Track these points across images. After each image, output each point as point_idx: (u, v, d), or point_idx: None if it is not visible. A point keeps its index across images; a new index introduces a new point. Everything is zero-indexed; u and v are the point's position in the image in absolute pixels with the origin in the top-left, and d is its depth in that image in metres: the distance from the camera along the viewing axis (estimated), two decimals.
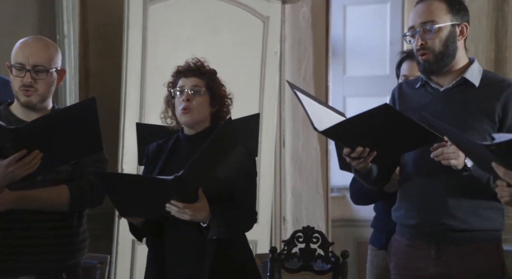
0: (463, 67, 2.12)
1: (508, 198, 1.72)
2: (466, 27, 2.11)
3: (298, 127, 4.53)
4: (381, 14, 5.12)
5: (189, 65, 2.32)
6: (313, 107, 2.05)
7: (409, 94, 2.18)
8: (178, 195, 2.05)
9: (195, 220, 2.10)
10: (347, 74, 5.34)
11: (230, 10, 3.94)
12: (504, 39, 3.55)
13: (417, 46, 2.09)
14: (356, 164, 2.05)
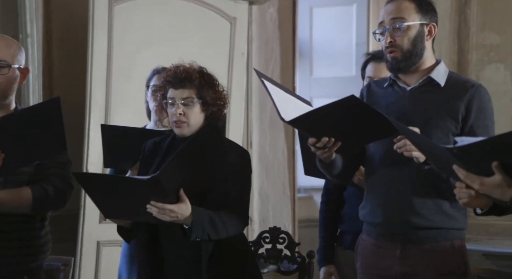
0: (430, 67, 2.15)
1: (466, 199, 1.74)
2: (434, 27, 2.14)
3: (265, 128, 4.54)
4: (347, 16, 5.16)
5: (176, 73, 2.23)
6: (280, 97, 2.05)
7: (377, 93, 2.21)
8: (157, 195, 2.02)
9: (177, 222, 2.06)
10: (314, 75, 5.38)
11: (197, 11, 3.92)
12: (466, 42, 3.62)
13: (386, 43, 2.12)
14: (321, 154, 2.06)
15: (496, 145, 1.58)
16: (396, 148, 2.00)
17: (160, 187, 1.99)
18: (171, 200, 2.03)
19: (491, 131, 2.10)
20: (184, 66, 2.26)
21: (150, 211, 2.03)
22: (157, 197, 2.02)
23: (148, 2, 3.80)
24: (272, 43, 4.54)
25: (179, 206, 2.03)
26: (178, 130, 2.23)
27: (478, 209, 1.82)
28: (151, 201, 2.02)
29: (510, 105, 3.44)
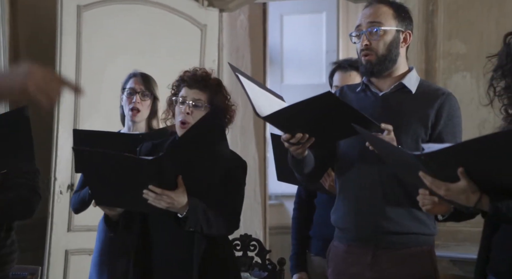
0: (403, 74, 2.18)
1: (430, 206, 1.76)
2: (410, 35, 2.17)
3: (236, 135, 4.54)
4: (317, 23, 5.21)
5: (195, 74, 2.24)
6: (255, 92, 2.04)
7: (350, 96, 2.22)
8: (156, 179, 2.00)
9: (172, 209, 2.05)
10: (284, 82, 5.40)
11: (167, 18, 3.92)
12: (433, 50, 3.66)
13: (361, 46, 2.13)
14: (294, 150, 2.06)
15: (462, 151, 1.61)
16: (368, 145, 2.02)
17: (161, 170, 1.98)
18: (169, 187, 2.02)
19: (459, 138, 2.13)
20: (204, 69, 2.27)
21: (146, 197, 2.01)
22: (156, 181, 2.00)
23: (118, 8, 3.79)
24: (243, 50, 4.56)
25: (177, 193, 2.02)
26: (180, 131, 2.22)
27: (439, 215, 1.85)
28: (149, 186, 2.00)
29: (476, 112, 3.50)
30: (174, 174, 2.03)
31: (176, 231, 2.13)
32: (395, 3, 2.19)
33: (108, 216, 2.17)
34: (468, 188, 1.62)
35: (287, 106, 1.99)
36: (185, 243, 2.14)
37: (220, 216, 2.15)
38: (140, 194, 2.01)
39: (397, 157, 1.80)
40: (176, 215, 2.07)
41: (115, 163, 2.02)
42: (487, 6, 3.57)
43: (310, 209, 2.76)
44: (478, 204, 1.64)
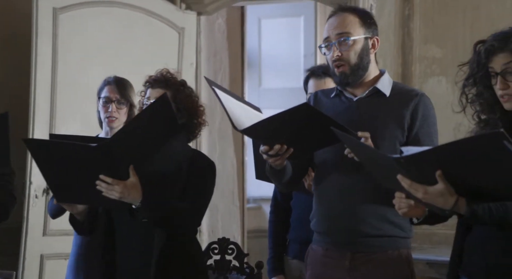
0: (375, 78, 2.19)
1: (406, 209, 1.78)
2: (377, 40, 2.19)
3: (215, 139, 4.54)
4: (295, 27, 5.23)
5: (157, 75, 2.27)
6: (232, 105, 2.05)
7: (324, 102, 2.23)
8: (107, 169, 1.99)
9: (126, 200, 2.04)
10: (262, 86, 5.42)
11: (145, 21, 3.91)
12: (410, 54, 3.70)
13: (333, 57, 2.14)
14: (273, 161, 2.07)
15: (440, 154, 1.63)
16: (346, 153, 2.03)
17: (111, 159, 1.97)
18: (122, 178, 2.01)
19: (435, 139, 2.15)
20: (167, 70, 2.29)
21: (99, 188, 2.01)
22: (107, 171, 1.99)
23: (94, 11, 3.77)
24: (221, 53, 4.56)
25: (128, 183, 2.02)
26: None
27: (414, 219, 1.87)
28: (100, 176, 1.99)
29: (452, 116, 3.51)
30: (125, 164, 2.02)
31: (137, 225, 2.12)
32: (359, 10, 2.20)
33: (73, 215, 2.16)
34: (445, 190, 1.64)
35: (265, 118, 1.99)
36: (145, 237, 2.13)
37: (181, 211, 2.14)
38: (95, 186, 2.00)
39: (376, 160, 1.81)
40: (131, 206, 2.06)
41: (64, 153, 2.00)
42: (462, 11, 3.61)
43: (286, 212, 2.77)
44: (455, 207, 1.66)
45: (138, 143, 2.02)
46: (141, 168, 2.05)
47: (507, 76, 1.76)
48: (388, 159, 1.68)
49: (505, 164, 1.55)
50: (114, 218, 2.21)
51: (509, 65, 1.75)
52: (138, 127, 2.01)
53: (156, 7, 3.94)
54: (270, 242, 2.77)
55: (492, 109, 1.82)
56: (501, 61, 1.76)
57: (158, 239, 2.13)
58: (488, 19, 3.52)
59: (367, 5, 3.69)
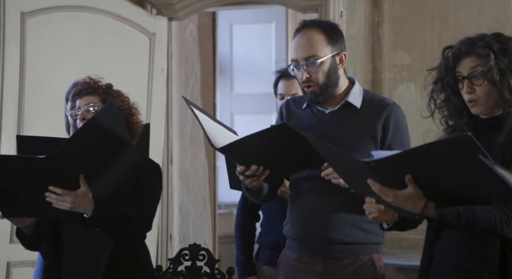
0: (346, 90, 2.20)
1: (376, 214, 1.80)
2: (345, 55, 2.18)
3: (186, 144, 4.52)
4: (267, 33, 5.25)
5: (82, 84, 2.26)
6: (209, 125, 2.05)
7: (297, 113, 2.24)
8: (57, 180, 1.96)
9: (76, 210, 2.02)
10: (234, 92, 5.42)
11: (115, 26, 3.88)
12: (379, 61, 3.74)
13: (302, 79, 2.15)
14: (249, 182, 2.08)
15: (409, 158, 1.65)
16: (323, 175, 2.04)
17: (59, 169, 1.95)
18: (72, 187, 1.99)
19: (408, 147, 2.16)
20: (89, 77, 2.29)
21: (49, 200, 1.99)
22: (57, 182, 1.97)
23: (63, 16, 3.73)
24: (193, 59, 4.55)
25: (79, 192, 2.00)
26: None
27: (384, 224, 1.88)
28: (49, 187, 1.97)
29: (421, 122, 3.58)
30: (75, 173, 2.00)
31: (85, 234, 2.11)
32: (324, 25, 2.17)
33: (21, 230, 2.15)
34: (415, 194, 1.66)
35: (242, 137, 2.01)
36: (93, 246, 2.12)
37: (131, 218, 2.14)
38: (44, 198, 1.98)
39: (347, 165, 1.83)
40: (82, 216, 2.05)
41: (10, 166, 1.98)
42: (429, 18, 3.66)
43: (254, 215, 2.78)
44: (424, 211, 1.68)
45: (87, 152, 2.00)
46: (91, 176, 2.03)
47: (473, 80, 1.78)
48: (359, 162, 1.69)
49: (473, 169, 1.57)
50: (61, 228, 2.19)
51: (475, 69, 1.77)
52: (85, 136, 1.99)
53: (126, 12, 3.92)
54: (239, 244, 2.77)
55: (459, 114, 1.84)
56: (468, 65, 1.78)
57: (106, 246, 2.13)
58: (455, 27, 3.58)
59: (337, 12, 3.72)
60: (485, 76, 1.76)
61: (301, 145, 1.94)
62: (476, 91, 1.78)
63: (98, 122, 2.00)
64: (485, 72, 1.76)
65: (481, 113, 1.81)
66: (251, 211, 2.77)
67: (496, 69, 1.75)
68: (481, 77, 1.77)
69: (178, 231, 4.37)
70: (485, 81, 1.76)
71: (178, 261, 2.70)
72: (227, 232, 4.74)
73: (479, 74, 1.77)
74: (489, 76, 1.75)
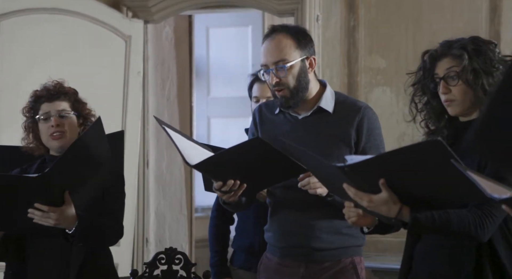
0: (317, 95, 2.20)
1: (355, 218, 1.81)
2: (314, 59, 2.19)
3: (162, 148, 4.50)
4: (243, 37, 5.25)
5: (49, 88, 2.24)
6: (183, 143, 2.05)
7: (270, 119, 2.24)
8: (43, 197, 1.95)
9: (60, 226, 2.02)
10: (211, 95, 5.41)
11: (90, 28, 3.85)
12: (355, 65, 3.76)
13: (272, 83, 2.15)
14: (227, 198, 2.08)
15: (382, 162, 1.65)
16: (300, 186, 2.05)
17: (47, 187, 1.94)
18: (56, 203, 1.99)
19: (382, 150, 2.18)
20: (56, 81, 2.27)
21: (31, 216, 1.98)
22: (42, 199, 1.96)
23: (37, 18, 3.69)
24: (169, 62, 4.53)
25: (64, 209, 2.00)
26: (55, 143, 2.19)
27: (364, 228, 1.89)
28: (35, 204, 1.96)
29: (396, 126, 3.62)
30: (61, 190, 2.00)
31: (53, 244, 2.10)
32: (293, 30, 2.18)
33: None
34: (389, 199, 1.66)
35: (217, 153, 2.01)
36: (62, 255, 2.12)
37: (109, 229, 2.16)
38: (24, 213, 1.97)
39: (324, 170, 1.83)
40: (65, 231, 2.05)
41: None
42: (404, 23, 3.70)
43: (229, 217, 2.78)
44: (399, 215, 1.69)
45: (74, 168, 2.01)
46: (75, 191, 2.03)
47: (448, 81, 1.80)
48: (333, 168, 1.70)
49: (446, 173, 1.58)
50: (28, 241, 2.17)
51: (450, 70, 1.79)
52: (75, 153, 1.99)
53: (101, 15, 3.89)
54: (213, 246, 2.77)
55: (439, 117, 1.86)
56: (444, 66, 1.80)
57: (75, 257, 2.12)
58: (429, 31, 3.62)
59: (314, 15, 3.74)
60: (459, 76, 1.78)
61: (277, 157, 1.94)
62: (452, 91, 1.80)
63: (88, 139, 2.01)
64: (459, 73, 1.78)
65: (458, 114, 1.83)
66: (225, 214, 2.77)
67: (470, 69, 1.77)
68: (456, 78, 1.79)
69: (154, 235, 4.34)
70: (460, 81, 1.78)
71: (154, 265, 2.68)
72: (204, 235, 4.71)
73: (454, 75, 1.79)
74: (463, 76, 1.77)
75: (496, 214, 1.71)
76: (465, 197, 1.65)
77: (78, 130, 2.23)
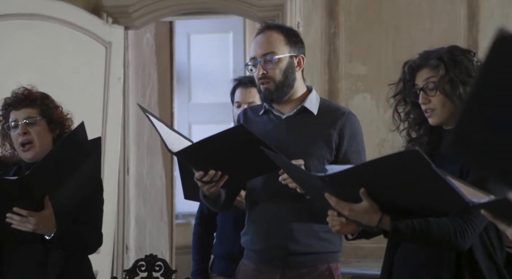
0: (302, 96, 2.22)
1: (338, 227, 1.81)
2: (303, 58, 2.22)
3: (143, 154, 4.48)
4: (224, 43, 5.25)
5: (17, 95, 2.21)
6: (165, 131, 2.05)
7: (254, 120, 2.25)
8: (22, 201, 1.93)
9: (39, 231, 2.00)
10: (192, 101, 5.40)
11: (70, 34, 3.83)
12: (336, 71, 3.79)
13: (258, 75, 2.16)
14: (207, 189, 2.07)
15: (362, 172, 1.67)
16: (281, 180, 2.05)
17: (27, 190, 1.91)
18: (35, 208, 1.96)
19: (363, 156, 2.20)
20: (24, 87, 2.25)
21: (10, 221, 1.95)
22: (21, 203, 1.93)
23: (17, 24, 3.66)
24: (149, 68, 4.52)
25: (43, 214, 1.98)
26: (25, 155, 2.17)
27: (349, 235, 1.90)
28: (14, 208, 1.93)
29: (376, 132, 3.64)
30: (40, 195, 1.97)
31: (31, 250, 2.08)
32: (285, 28, 2.24)
33: None
34: (370, 208, 1.68)
35: (199, 141, 2.00)
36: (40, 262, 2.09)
37: (89, 237, 2.13)
38: (2, 217, 1.95)
39: (306, 179, 1.84)
40: (43, 237, 2.02)
41: None
42: (384, 30, 3.74)
43: (212, 225, 2.77)
44: (380, 224, 1.70)
45: (54, 173, 1.98)
46: (55, 197, 2.01)
47: (427, 91, 1.82)
48: (314, 177, 1.71)
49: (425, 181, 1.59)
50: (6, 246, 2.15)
51: (429, 80, 1.81)
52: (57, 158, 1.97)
53: (81, 21, 3.87)
54: (195, 254, 2.77)
55: (420, 127, 1.88)
56: (423, 77, 1.83)
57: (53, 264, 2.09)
58: (408, 38, 3.66)
59: (294, 22, 3.76)
60: (437, 87, 1.80)
61: (259, 148, 1.94)
62: (431, 101, 1.82)
63: (71, 143, 1.99)
64: (436, 83, 1.80)
65: (438, 124, 1.85)
66: (208, 221, 2.77)
67: (446, 79, 1.79)
68: (434, 88, 1.81)
69: (134, 242, 4.31)
70: (438, 91, 1.80)
71: (134, 272, 2.67)
72: (184, 242, 4.71)
73: (432, 85, 1.81)
74: (441, 86, 1.79)
75: (476, 222, 1.73)
76: (446, 204, 1.66)
77: (50, 135, 2.20)
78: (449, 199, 1.59)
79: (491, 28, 3.52)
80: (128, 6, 4.05)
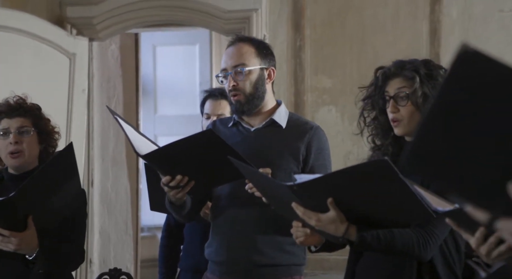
0: (272, 109, 2.23)
1: (302, 238, 1.82)
2: (273, 71, 2.23)
3: (108, 167, 4.43)
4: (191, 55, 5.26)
5: (10, 104, 2.18)
6: (134, 135, 2.04)
7: (223, 132, 2.24)
8: (4, 221, 1.89)
9: (21, 252, 1.96)
10: (158, 113, 5.38)
11: (33, 46, 3.78)
12: (302, 84, 3.81)
13: (229, 87, 2.17)
14: (174, 194, 2.05)
15: (330, 181, 1.67)
16: (247, 188, 2.05)
17: (11, 211, 1.89)
18: (17, 227, 1.93)
19: (329, 170, 2.20)
20: (18, 96, 2.22)
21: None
22: (3, 223, 1.90)
23: None
24: (114, 80, 4.48)
25: (26, 235, 1.94)
26: (14, 162, 2.14)
27: (312, 247, 1.90)
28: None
29: (342, 145, 3.67)
30: (24, 214, 1.95)
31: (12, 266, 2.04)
32: (256, 41, 2.26)
33: None
34: (337, 218, 1.68)
35: (167, 144, 1.98)
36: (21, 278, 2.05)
37: (71, 255, 2.11)
38: None
39: (273, 189, 1.84)
40: (24, 257, 1.99)
41: None
42: (348, 43, 3.78)
43: (179, 238, 2.75)
44: (346, 234, 1.71)
45: (38, 193, 1.96)
46: (39, 216, 1.98)
47: (398, 100, 1.84)
48: (282, 186, 1.71)
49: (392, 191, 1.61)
50: None
51: (401, 90, 1.83)
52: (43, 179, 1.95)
53: (45, 32, 3.83)
54: (162, 267, 2.75)
55: (385, 134, 1.89)
56: (395, 86, 1.84)
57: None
58: (372, 52, 3.71)
59: (260, 35, 3.78)
60: (409, 98, 1.82)
61: (227, 154, 1.94)
62: (400, 111, 1.84)
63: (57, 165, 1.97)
64: (409, 94, 1.82)
65: (403, 134, 1.87)
66: (175, 234, 2.75)
67: (420, 92, 1.82)
68: (406, 99, 1.83)
69: (98, 255, 4.25)
70: (409, 102, 1.82)
71: None
72: (150, 255, 4.67)
73: (404, 95, 1.83)
74: (413, 98, 1.82)
75: (438, 234, 1.75)
76: (410, 214, 1.68)
77: (39, 147, 2.17)
78: (414, 209, 1.61)
79: (453, 43, 3.60)
80: (93, 17, 4.01)
